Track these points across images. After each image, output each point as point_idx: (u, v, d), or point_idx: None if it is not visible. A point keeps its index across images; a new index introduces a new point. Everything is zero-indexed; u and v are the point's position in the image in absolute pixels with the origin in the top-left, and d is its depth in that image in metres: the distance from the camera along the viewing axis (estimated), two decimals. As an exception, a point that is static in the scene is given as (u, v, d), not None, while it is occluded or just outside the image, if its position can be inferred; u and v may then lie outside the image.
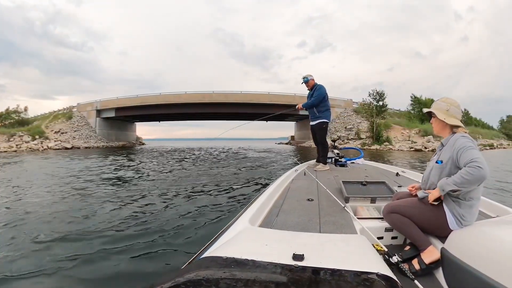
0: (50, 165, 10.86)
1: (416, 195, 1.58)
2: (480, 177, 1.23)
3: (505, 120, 56.16)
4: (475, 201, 1.37)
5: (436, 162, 1.49)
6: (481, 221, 1.40)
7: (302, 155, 17.13)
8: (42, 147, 25.26)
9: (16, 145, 24.08)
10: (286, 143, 45.56)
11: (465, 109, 46.51)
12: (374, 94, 29.34)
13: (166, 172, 8.72)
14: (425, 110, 1.63)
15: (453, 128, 1.51)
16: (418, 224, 1.45)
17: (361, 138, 28.57)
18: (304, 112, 4.61)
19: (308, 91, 4.43)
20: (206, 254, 0.88)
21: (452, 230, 1.36)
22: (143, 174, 8.34)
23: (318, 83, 4.30)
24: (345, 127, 31.18)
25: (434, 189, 1.43)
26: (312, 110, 4.28)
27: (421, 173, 2.10)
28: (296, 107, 4.48)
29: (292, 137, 45.39)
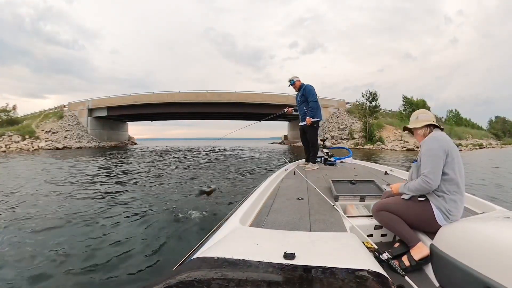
0: (41, 168, 10.65)
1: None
2: (427, 190, 1.44)
3: (493, 121, 57.47)
4: (458, 195, 1.43)
5: (413, 162, 1.61)
6: (468, 218, 1.43)
7: (297, 154, 17.18)
8: (33, 147, 24.70)
9: (5, 145, 23.51)
10: (279, 143, 45.68)
11: (455, 110, 47.55)
12: (367, 94, 29.69)
13: (161, 173, 8.65)
14: (407, 126, 1.72)
15: (427, 131, 1.61)
16: (407, 221, 1.48)
17: (354, 138, 28.83)
18: (297, 112, 4.59)
19: (296, 93, 4.42)
20: (197, 255, 0.87)
21: (440, 226, 1.39)
22: (137, 175, 8.26)
23: (305, 83, 4.28)
24: (338, 127, 31.42)
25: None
26: (303, 110, 4.28)
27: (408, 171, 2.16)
28: (286, 112, 4.45)
29: (285, 137, 45.52)
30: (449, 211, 1.39)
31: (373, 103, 29.58)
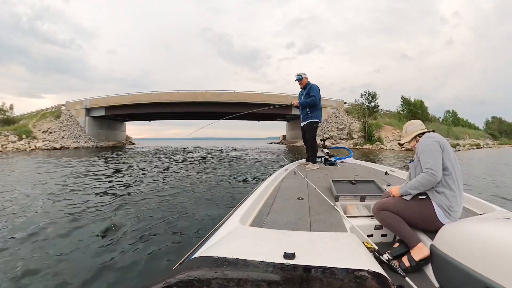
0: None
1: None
2: (432, 183, 1.44)
3: (490, 121, 57.86)
4: (457, 190, 1.46)
5: (410, 162, 1.68)
6: (468, 218, 1.43)
7: (296, 154, 17.20)
8: (30, 147, 24.48)
9: (2, 145, 23.30)
10: (278, 143, 45.79)
11: (453, 110, 47.91)
12: (366, 95, 29.79)
13: (160, 173, 8.62)
14: (400, 142, 1.87)
15: (418, 138, 1.70)
16: (408, 220, 1.48)
17: (353, 138, 28.92)
18: (296, 112, 4.59)
19: (301, 89, 4.42)
20: (197, 254, 0.87)
21: (441, 224, 1.40)
22: (135, 174, 8.22)
23: (311, 83, 4.29)
24: (337, 127, 31.49)
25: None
26: (304, 109, 4.28)
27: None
28: (293, 103, 4.44)
29: (284, 137, 45.67)
30: (450, 207, 1.41)
31: (372, 104, 29.70)
